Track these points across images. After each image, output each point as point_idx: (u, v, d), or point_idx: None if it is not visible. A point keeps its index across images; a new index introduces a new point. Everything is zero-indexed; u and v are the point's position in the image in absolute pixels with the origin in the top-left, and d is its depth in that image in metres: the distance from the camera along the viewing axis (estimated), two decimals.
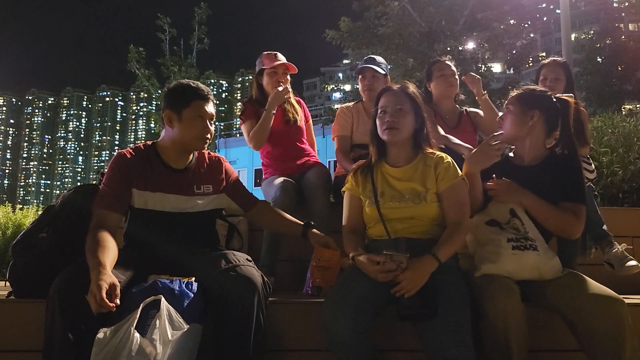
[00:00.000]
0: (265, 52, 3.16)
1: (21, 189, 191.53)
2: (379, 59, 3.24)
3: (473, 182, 2.10)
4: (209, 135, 2.15)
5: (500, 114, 2.30)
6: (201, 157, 2.24)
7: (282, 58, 3.12)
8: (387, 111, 2.10)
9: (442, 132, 2.98)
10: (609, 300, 1.82)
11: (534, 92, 2.19)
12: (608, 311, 1.79)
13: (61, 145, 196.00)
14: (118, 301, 1.67)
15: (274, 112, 3.00)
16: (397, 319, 1.90)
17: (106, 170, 2.14)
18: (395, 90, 2.15)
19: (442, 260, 1.90)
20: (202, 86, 2.15)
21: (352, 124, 3.15)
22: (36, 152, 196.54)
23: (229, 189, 2.24)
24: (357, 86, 3.35)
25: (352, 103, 3.29)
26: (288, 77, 3.16)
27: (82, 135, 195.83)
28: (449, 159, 2.13)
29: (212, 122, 2.16)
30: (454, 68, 3.25)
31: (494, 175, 2.11)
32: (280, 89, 2.98)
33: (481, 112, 3.24)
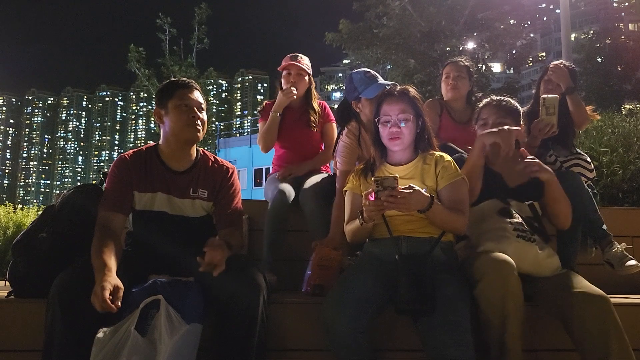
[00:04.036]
0: (289, 55, 3.14)
1: (21, 189, 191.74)
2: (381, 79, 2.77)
3: (477, 173, 2.16)
4: (198, 122, 2.10)
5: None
6: (206, 161, 2.20)
7: (300, 59, 3.08)
8: (390, 120, 2.11)
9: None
10: (593, 297, 1.84)
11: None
12: (593, 308, 1.81)
13: (61, 145, 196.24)
14: (120, 303, 1.68)
15: (280, 114, 3.00)
16: (396, 319, 1.90)
17: (108, 172, 2.15)
18: (397, 96, 2.15)
19: (433, 205, 1.92)
20: (185, 78, 2.17)
21: (358, 155, 2.75)
22: (36, 152, 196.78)
23: (217, 201, 2.18)
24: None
25: (352, 127, 2.76)
26: (306, 78, 3.10)
27: (82, 135, 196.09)
28: (449, 157, 2.16)
29: (202, 110, 2.13)
30: (459, 70, 3.26)
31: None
32: (286, 89, 2.96)
33: None
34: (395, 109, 2.12)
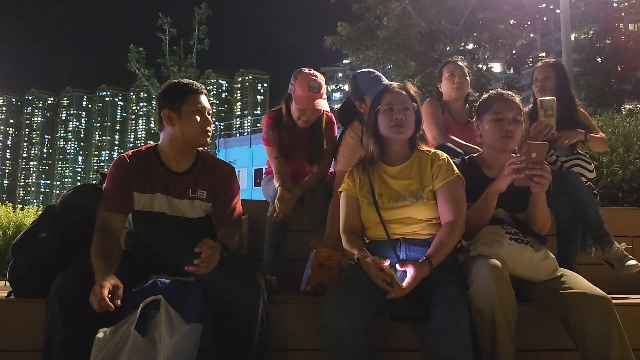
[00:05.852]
0: (304, 73, 2.79)
1: (21, 189, 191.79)
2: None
3: (492, 202, 2.05)
4: (209, 128, 2.15)
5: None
6: (205, 162, 2.21)
7: (322, 93, 2.78)
8: (394, 109, 2.11)
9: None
10: (594, 298, 1.83)
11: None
12: (595, 309, 1.80)
13: (61, 145, 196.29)
14: (119, 302, 1.68)
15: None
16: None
17: (107, 172, 2.15)
18: (399, 90, 2.17)
19: (435, 265, 1.89)
20: (194, 82, 2.18)
21: (360, 156, 2.64)
22: (36, 152, 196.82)
23: (216, 201, 2.17)
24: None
25: (355, 127, 2.75)
26: (322, 109, 2.80)
27: (82, 135, 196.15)
28: (444, 155, 2.14)
29: (210, 115, 2.17)
30: (462, 70, 3.27)
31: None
32: (277, 213, 2.61)
33: None
34: (398, 99, 2.12)
